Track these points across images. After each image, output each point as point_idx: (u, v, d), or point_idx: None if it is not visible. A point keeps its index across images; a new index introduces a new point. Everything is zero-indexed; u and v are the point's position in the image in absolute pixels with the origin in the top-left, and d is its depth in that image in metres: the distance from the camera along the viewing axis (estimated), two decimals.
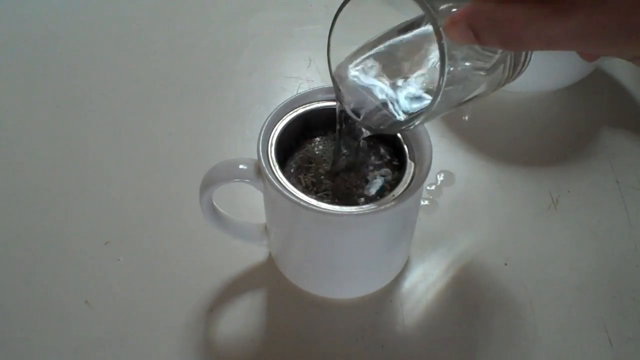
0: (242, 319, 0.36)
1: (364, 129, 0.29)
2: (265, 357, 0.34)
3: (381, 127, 0.28)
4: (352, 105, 0.29)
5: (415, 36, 0.28)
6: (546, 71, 0.45)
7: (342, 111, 0.29)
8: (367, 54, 0.29)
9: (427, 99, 0.27)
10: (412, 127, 0.27)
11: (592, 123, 0.48)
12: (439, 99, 0.24)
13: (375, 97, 0.28)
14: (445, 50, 0.22)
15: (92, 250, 0.39)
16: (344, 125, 0.30)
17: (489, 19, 0.22)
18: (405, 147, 0.32)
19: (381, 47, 0.28)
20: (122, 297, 0.37)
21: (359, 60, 0.29)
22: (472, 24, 0.22)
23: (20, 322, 0.36)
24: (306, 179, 0.34)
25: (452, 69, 0.23)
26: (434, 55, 0.27)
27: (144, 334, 0.35)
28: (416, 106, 0.28)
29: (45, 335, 0.36)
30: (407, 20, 0.27)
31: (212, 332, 0.35)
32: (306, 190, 0.34)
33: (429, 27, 0.23)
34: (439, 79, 0.23)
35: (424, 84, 0.28)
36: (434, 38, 0.22)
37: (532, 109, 0.49)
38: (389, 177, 0.34)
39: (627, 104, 0.49)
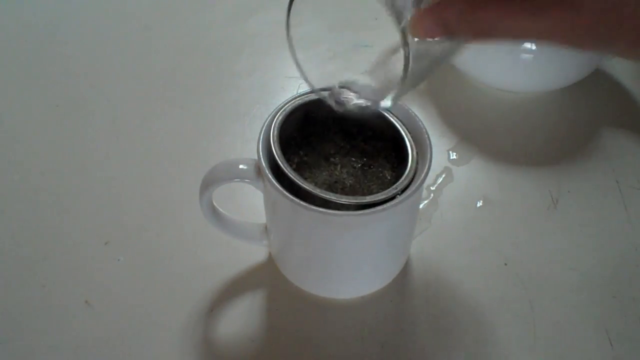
0: (242, 319, 0.36)
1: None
2: (265, 357, 0.34)
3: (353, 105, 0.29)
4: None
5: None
6: (546, 71, 0.45)
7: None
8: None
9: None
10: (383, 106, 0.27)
11: (592, 123, 0.48)
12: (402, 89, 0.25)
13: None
14: (410, 54, 0.23)
15: (92, 250, 0.39)
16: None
17: (461, 12, 0.22)
18: (405, 146, 0.32)
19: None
20: (122, 297, 0.37)
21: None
22: (444, 17, 0.22)
23: (20, 322, 0.36)
24: (306, 179, 0.34)
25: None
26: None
27: (144, 334, 0.35)
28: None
29: (45, 335, 0.36)
30: None
31: (212, 332, 0.35)
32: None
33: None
34: (402, 77, 0.24)
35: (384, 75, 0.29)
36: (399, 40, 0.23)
37: (532, 109, 0.49)
38: (389, 177, 0.34)
39: (627, 104, 0.49)
